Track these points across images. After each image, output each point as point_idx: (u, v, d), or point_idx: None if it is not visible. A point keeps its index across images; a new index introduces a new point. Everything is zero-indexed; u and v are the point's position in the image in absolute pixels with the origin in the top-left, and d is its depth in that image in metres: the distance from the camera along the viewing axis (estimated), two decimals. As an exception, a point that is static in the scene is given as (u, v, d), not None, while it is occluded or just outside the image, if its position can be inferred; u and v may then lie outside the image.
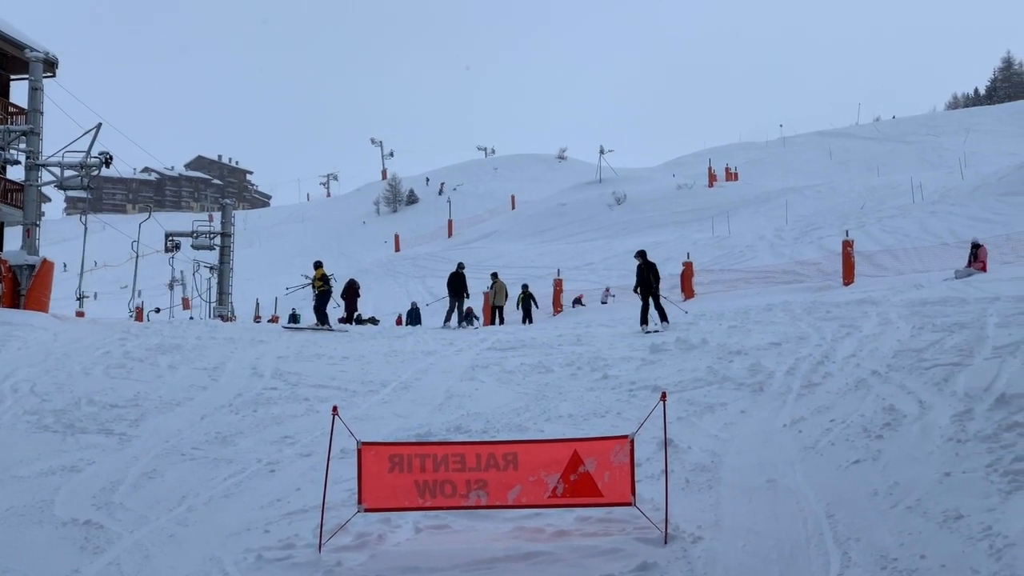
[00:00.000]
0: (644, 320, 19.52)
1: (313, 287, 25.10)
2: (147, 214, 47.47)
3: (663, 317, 19.42)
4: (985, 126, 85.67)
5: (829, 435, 9.48)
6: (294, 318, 39.11)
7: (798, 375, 12.23)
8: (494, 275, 30.45)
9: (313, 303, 25.17)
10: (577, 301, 35.48)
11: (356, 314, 31.70)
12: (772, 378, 12.29)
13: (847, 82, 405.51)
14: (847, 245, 27.36)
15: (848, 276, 26.73)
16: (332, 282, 25.30)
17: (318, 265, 25.43)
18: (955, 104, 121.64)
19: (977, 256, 24.21)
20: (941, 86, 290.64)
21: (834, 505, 7.68)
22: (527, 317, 30.67)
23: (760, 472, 8.80)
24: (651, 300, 19.70)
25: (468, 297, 26.37)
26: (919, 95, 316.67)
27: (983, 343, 11.76)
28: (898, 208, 44.86)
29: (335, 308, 26.28)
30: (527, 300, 31.46)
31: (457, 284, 25.80)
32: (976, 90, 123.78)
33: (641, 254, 20.70)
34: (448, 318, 25.40)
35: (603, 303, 34.45)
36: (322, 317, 24.20)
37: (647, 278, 19.90)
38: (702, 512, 7.93)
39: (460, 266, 26.86)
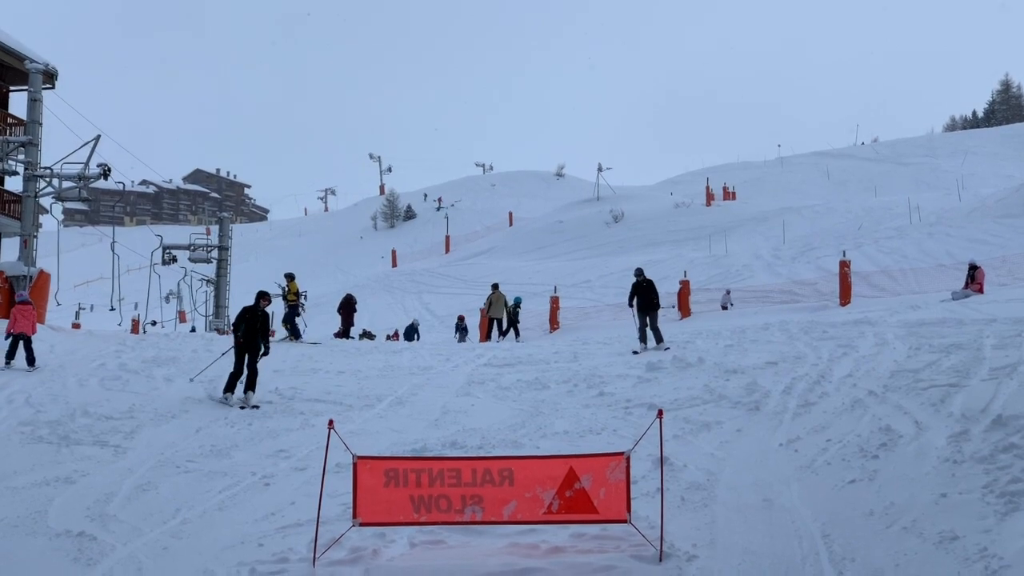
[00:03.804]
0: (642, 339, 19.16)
1: (284, 299, 25.24)
2: (147, 228, 47.64)
3: (659, 338, 18.88)
4: (983, 148, 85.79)
5: (825, 455, 9.47)
6: (290, 332, 39.06)
7: (794, 394, 12.22)
8: (495, 285, 30.29)
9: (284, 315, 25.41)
10: None
11: (364, 330, 31.71)
12: (768, 397, 12.28)
13: (845, 103, 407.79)
14: (844, 265, 27.39)
15: (845, 296, 26.74)
16: (303, 299, 25.73)
17: (291, 277, 25.53)
18: (953, 126, 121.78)
19: (974, 278, 24.25)
20: (939, 108, 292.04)
21: (830, 525, 7.67)
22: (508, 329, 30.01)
23: (756, 491, 8.79)
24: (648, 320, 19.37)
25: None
26: (917, 117, 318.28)
27: (980, 364, 11.79)
28: (895, 229, 44.92)
29: (305, 328, 26.21)
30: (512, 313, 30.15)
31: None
32: (974, 112, 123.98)
33: (639, 272, 20.16)
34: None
35: (724, 308, 31.49)
36: (293, 330, 24.36)
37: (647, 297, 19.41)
38: (697, 530, 7.92)
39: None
